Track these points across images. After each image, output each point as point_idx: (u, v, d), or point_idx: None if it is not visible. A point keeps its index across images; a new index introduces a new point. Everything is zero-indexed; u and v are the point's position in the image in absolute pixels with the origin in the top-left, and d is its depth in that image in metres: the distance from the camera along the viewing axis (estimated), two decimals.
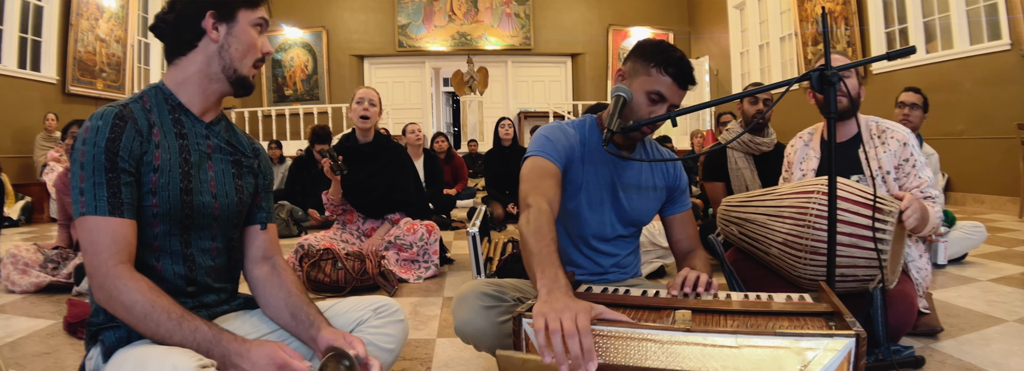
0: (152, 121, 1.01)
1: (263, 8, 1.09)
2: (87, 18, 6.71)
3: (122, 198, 0.94)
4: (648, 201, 1.41)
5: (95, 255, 0.92)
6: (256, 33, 1.08)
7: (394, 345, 1.17)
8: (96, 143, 0.94)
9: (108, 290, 0.91)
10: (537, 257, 1.00)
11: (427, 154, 4.59)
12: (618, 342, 0.84)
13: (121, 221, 0.94)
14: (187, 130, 1.06)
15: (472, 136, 8.97)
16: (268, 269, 1.16)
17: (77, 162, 0.95)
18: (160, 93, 1.06)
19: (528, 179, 1.23)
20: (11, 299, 2.36)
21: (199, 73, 1.06)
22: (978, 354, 1.57)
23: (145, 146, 0.99)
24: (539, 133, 1.34)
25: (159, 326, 0.90)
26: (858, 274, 1.37)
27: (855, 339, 0.76)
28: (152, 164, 0.99)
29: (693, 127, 9.20)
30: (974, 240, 2.80)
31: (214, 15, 1.04)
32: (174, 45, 1.06)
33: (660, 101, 1.26)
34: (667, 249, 2.63)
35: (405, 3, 10.35)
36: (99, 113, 0.98)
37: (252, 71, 1.09)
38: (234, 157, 1.13)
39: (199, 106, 1.08)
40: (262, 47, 1.09)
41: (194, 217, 1.04)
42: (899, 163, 1.66)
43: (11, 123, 5.82)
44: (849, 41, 6.63)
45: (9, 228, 4.93)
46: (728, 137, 2.98)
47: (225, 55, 1.05)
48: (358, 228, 2.88)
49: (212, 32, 1.04)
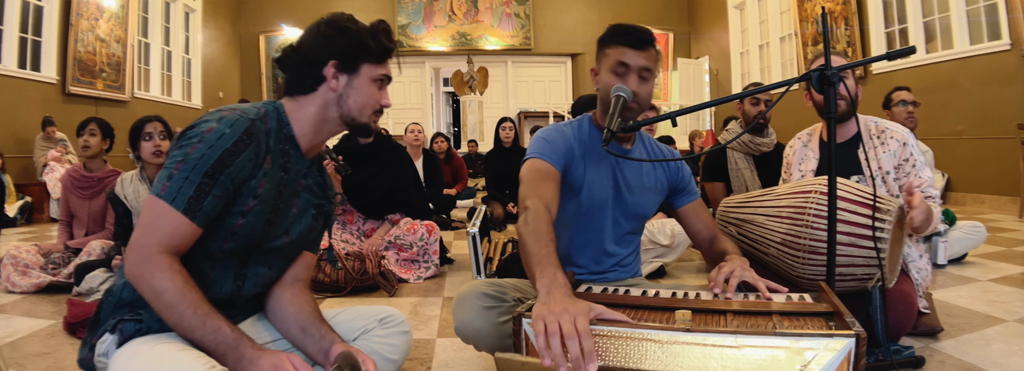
0: (269, 146, 1.01)
1: (388, 65, 1.10)
2: (87, 18, 6.71)
3: (203, 205, 0.94)
4: (650, 194, 1.42)
5: (146, 235, 0.92)
6: (376, 88, 1.08)
7: (398, 356, 1.17)
8: (214, 146, 0.93)
9: (143, 270, 0.91)
10: (536, 258, 1.00)
11: (427, 154, 4.59)
12: (618, 342, 0.84)
13: (187, 222, 0.93)
14: (291, 164, 1.07)
15: (472, 136, 8.97)
16: (293, 290, 1.16)
17: (184, 149, 0.93)
18: (280, 119, 1.05)
19: (527, 181, 1.24)
20: (11, 299, 2.36)
21: (316, 115, 1.06)
22: (978, 354, 1.57)
23: (256, 171, 0.99)
24: (537, 136, 1.35)
25: (183, 318, 0.90)
26: (857, 273, 1.37)
27: (855, 339, 0.76)
28: (255, 190, 0.99)
29: (693, 127, 9.19)
30: (974, 240, 2.80)
31: (336, 65, 1.04)
32: (295, 84, 1.06)
33: (627, 72, 1.27)
34: (667, 247, 2.63)
35: (405, 3, 10.35)
36: (230, 120, 0.96)
37: (371, 120, 1.10)
38: (318, 200, 1.15)
39: (308, 143, 1.09)
40: (381, 100, 1.09)
41: (263, 246, 1.05)
42: (899, 163, 1.66)
43: (11, 123, 5.81)
44: (849, 41, 6.63)
45: (8, 228, 4.93)
46: (728, 137, 2.98)
47: (343, 104, 1.06)
48: (358, 228, 2.88)
49: (332, 81, 1.05)
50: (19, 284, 2.44)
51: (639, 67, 1.27)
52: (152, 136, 2.38)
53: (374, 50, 1.07)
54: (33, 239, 4.24)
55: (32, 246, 2.67)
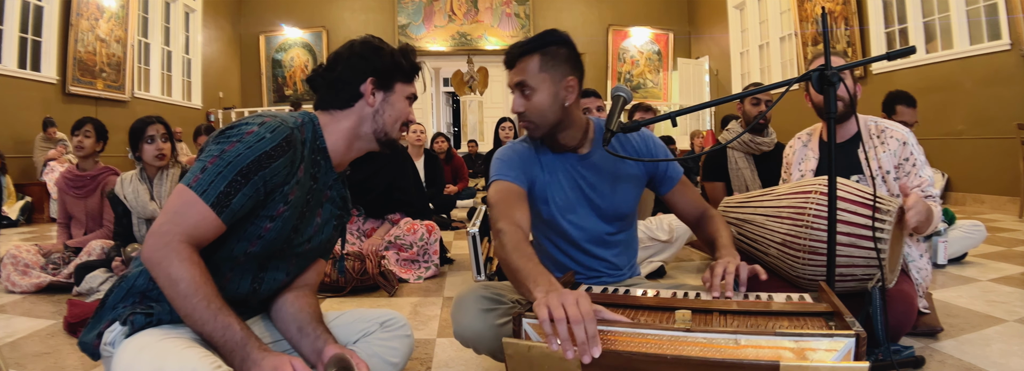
0: (303, 156, 1.05)
1: (415, 85, 1.19)
2: (87, 18, 6.72)
3: (232, 202, 0.95)
4: (625, 191, 1.38)
5: (171, 223, 0.92)
6: (407, 104, 1.16)
7: (399, 359, 1.18)
8: (253, 148, 0.95)
9: (162, 256, 0.91)
10: (523, 273, 0.99)
11: (427, 154, 4.60)
12: (618, 342, 0.84)
13: (214, 216, 0.94)
14: (320, 175, 1.11)
15: (472, 136, 8.97)
16: (298, 293, 1.17)
17: (221, 146, 0.95)
18: (315, 131, 1.10)
19: (494, 205, 1.25)
20: (11, 299, 2.36)
21: (350, 130, 1.12)
22: (978, 354, 1.57)
23: (289, 178, 1.01)
24: (495, 158, 1.36)
25: (195, 310, 0.90)
26: (857, 274, 1.37)
27: (855, 339, 0.76)
28: (286, 197, 1.02)
29: (693, 127, 9.20)
30: (974, 239, 2.80)
31: (374, 82, 1.11)
32: (330, 99, 1.12)
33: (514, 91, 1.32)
34: (666, 242, 2.62)
35: (405, 3, 10.35)
36: (272, 125, 0.98)
37: (399, 134, 1.18)
38: (340, 212, 1.19)
39: (338, 157, 1.14)
40: (408, 115, 1.17)
41: (285, 252, 1.08)
42: (899, 162, 1.66)
43: (11, 123, 5.82)
44: (849, 41, 6.63)
45: (9, 228, 4.93)
46: (728, 137, 2.98)
47: (379, 119, 1.13)
48: (358, 228, 2.88)
49: (370, 97, 1.11)
50: (19, 284, 2.44)
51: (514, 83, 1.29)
52: (155, 139, 2.37)
53: (406, 69, 1.15)
54: (33, 239, 4.24)
55: (32, 246, 2.67)
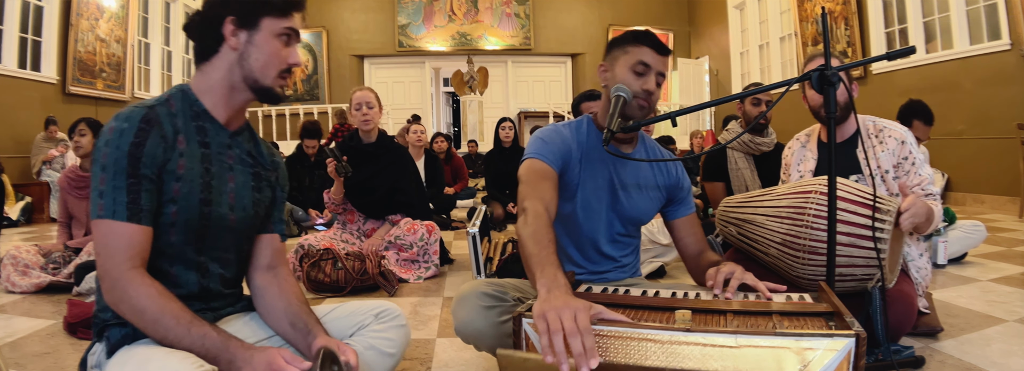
0: (177, 127, 0.98)
1: (293, 18, 1.02)
2: (87, 18, 6.71)
3: (141, 204, 0.93)
4: (648, 200, 1.41)
5: (108, 258, 0.91)
6: (281, 43, 1.02)
7: (395, 350, 1.17)
8: (119, 146, 0.92)
9: (119, 294, 0.91)
10: (536, 259, 1.00)
11: (427, 154, 4.60)
12: (618, 342, 0.84)
13: (138, 227, 0.93)
14: (210, 139, 1.03)
15: (472, 136, 8.96)
16: (271, 278, 1.15)
17: (98, 163, 0.93)
18: (186, 97, 1.02)
19: (525, 182, 1.24)
20: (11, 299, 2.36)
21: (222, 81, 1.02)
22: (978, 354, 1.57)
23: (169, 153, 0.96)
24: (535, 136, 1.35)
25: (168, 331, 0.90)
26: (857, 274, 1.37)
27: (855, 339, 0.76)
28: (175, 173, 0.97)
29: (693, 127, 9.19)
30: (974, 239, 2.80)
31: (234, 21, 0.99)
32: (199, 49, 1.02)
33: (647, 71, 1.28)
34: (667, 246, 2.63)
35: (405, 3, 10.34)
36: (125, 114, 0.95)
37: (277, 82, 1.03)
38: (254, 170, 1.11)
39: (224, 114, 1.05)
40: (287, 58, 1.03)
41: (210, 228, 1.03)
42: (898, 161, 1.66)
43: (11, 123, 5.81)
44: (849, 41, 6.63)
45: (9, 228, 4.93)
46: (728, 137, 2.98)
47: (245, 64, 1.01)
48: (358, 228, 2.88)
49: (231, 39, 1.00)
50: (19, 284, 2.44)
51: (657, 71, 1.29)
52: None
53: (275, 2, 1.00)
54: (33, 239, 4.24)
55: (32, 246, 2.67)
